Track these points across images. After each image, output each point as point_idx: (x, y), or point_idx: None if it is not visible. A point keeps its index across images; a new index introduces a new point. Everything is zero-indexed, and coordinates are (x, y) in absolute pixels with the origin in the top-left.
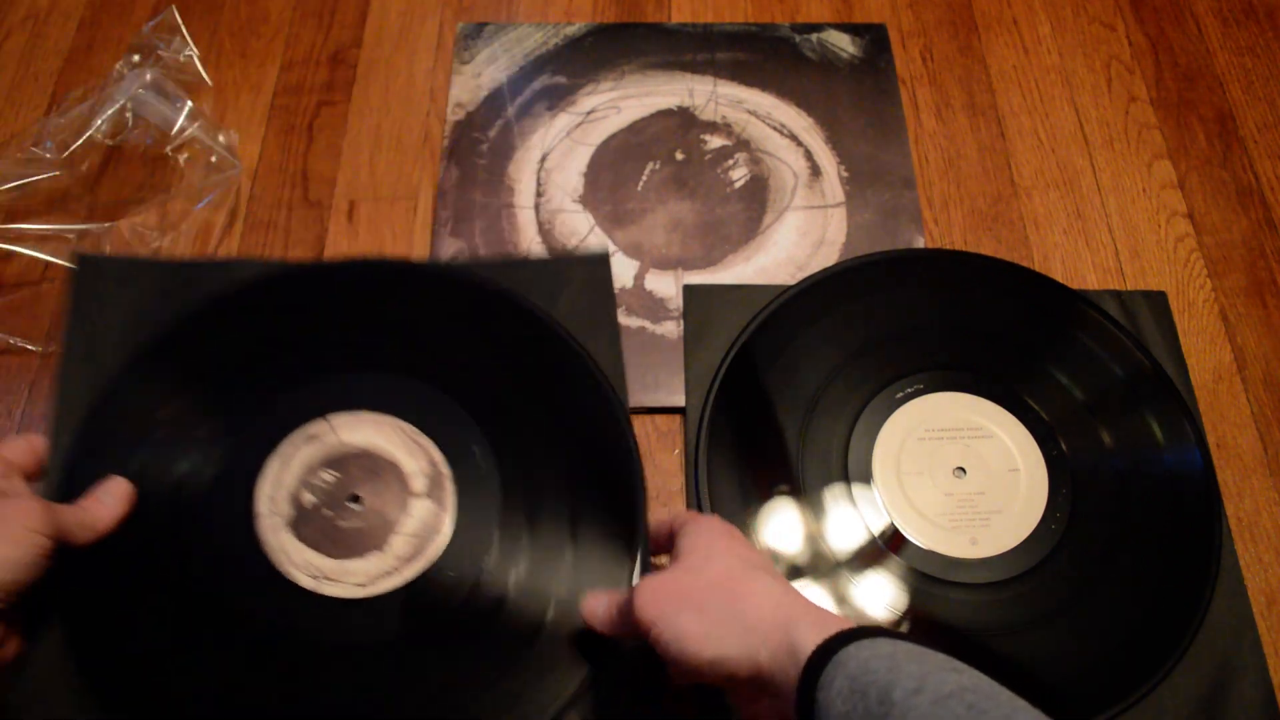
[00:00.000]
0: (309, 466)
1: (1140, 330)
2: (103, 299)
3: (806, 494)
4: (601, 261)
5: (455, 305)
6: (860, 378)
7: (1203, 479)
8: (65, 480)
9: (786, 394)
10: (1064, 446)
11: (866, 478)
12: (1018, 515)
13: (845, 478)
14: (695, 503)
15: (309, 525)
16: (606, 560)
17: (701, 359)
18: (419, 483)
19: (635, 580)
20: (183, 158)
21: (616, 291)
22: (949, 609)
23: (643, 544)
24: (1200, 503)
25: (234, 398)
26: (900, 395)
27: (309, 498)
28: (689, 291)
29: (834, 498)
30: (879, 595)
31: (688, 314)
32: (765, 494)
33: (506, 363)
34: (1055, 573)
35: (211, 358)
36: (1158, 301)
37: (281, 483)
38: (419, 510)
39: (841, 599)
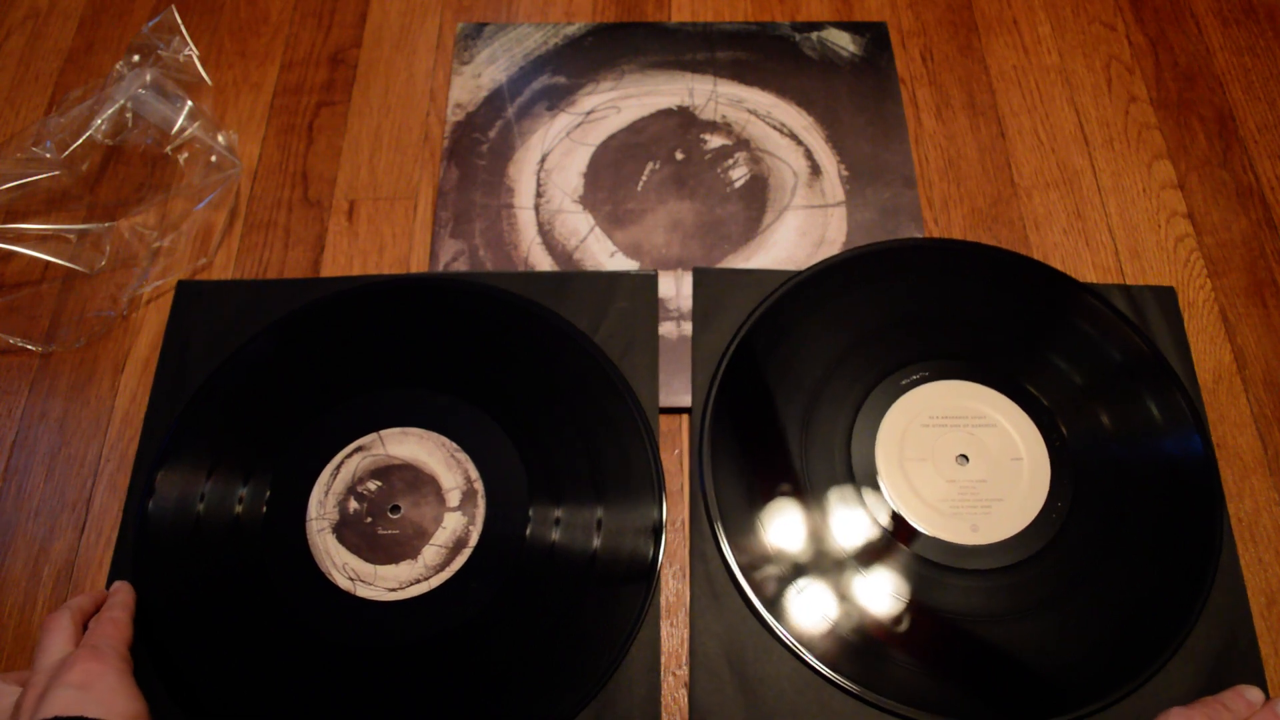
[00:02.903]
0: (357, 476)
1: (1148, 325)
2: (193, 322)
3: (810, 479)
4: (650, 282)
5: (503, 323)
6: (864, 364)
7: (1204, 465)
8: (146, 489)
9: (791, 379)
10: (1066, 435)
11: (870, 464)
12: (1020, 503)
13: (848, 463)
14: (699, 484)
15: (351, 530)
16: (627, 577)
17: (708, 341)
18: (454, 497)
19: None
20: (182, 158)
21: None
22: (948, 595)
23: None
24: (1202, 490)
25: (297, 410)
26: (904, 382)
27: (354, 505)
28: (699, 275)
29: (837, 483)
30: (881, 582)
31: (696, 297)
32: (768, 480)
33: (545, 380)
34: (1054, 561)
35: (279, 373)
36: (1165, 297)
37: (332, 490)
38: (452, 523)
39: (842, 596)
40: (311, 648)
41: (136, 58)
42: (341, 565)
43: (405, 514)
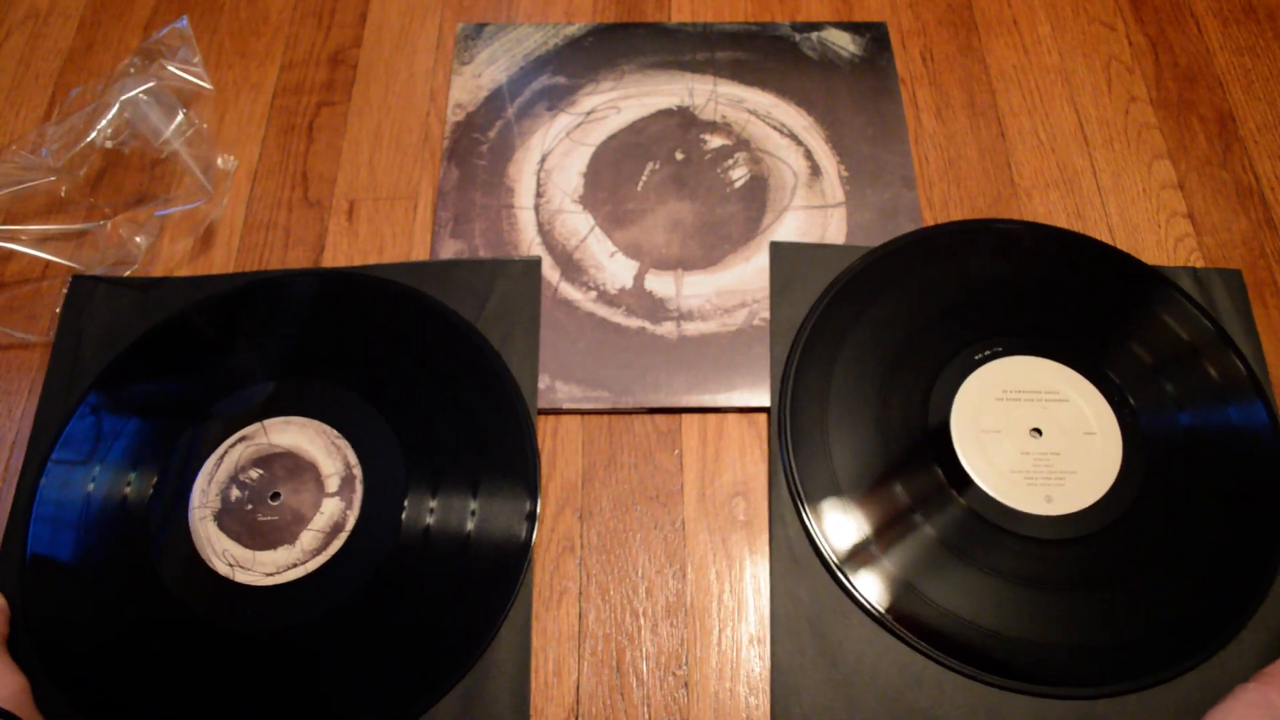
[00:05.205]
0: (240, 465)
1: (1215, 307)
2: (88, 318)
3: (886, 446)
4: (533, 266)
5: (386, 312)
6: (939, 338)
7: (1273, 439)
8: (31, 488)
9: (867, 351)
10: (1137, 411)
11: (945, 434)
12: (1092, 477)
13: (924, 432)
14: (780, 449)
15: (232, 517)
16: (500, 557)
17: (786, 314)
18: (333, 483)
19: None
20: (180, 163)
21: (616, 292)
22: (1022, 563)
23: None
24: (1271, 469)
25: (185, 403)
26: (979, 357)
27: (236, 493)
28: (775, 248)
29: (914, 451)
30: (957, 550)
31: (774, 270)
32: (846, 447)
33: (426, 367)
34: (1129, 532)
35: (168, 368)
36: (1233, 280)
37: (215, 479)
38: (330, 508)
39: (921, 562)
40: (191, 632)
41: (139, 60)
42: (221, 552)
43: (285, 500)
